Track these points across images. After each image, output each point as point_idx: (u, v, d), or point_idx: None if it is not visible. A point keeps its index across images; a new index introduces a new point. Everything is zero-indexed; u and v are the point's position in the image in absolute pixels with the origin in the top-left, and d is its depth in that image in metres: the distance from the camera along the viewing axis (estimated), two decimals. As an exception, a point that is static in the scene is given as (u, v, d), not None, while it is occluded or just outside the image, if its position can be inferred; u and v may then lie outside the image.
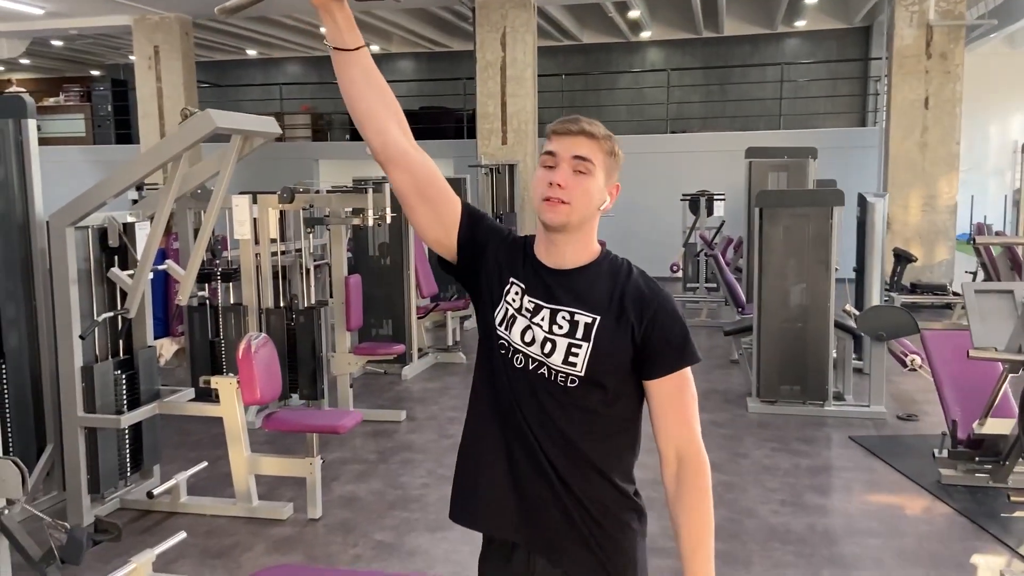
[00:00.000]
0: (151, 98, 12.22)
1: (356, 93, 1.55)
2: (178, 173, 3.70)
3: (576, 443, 1.52)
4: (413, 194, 1.58)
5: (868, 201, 6.48)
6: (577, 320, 1.51)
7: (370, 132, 1.57)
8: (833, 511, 3.99)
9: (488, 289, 1.60)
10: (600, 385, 1.51)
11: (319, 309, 5.46)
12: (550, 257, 1.56)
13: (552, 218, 1.51)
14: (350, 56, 1.52)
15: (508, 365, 1.55)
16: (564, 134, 1.53)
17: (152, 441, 4.27)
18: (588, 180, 1.51)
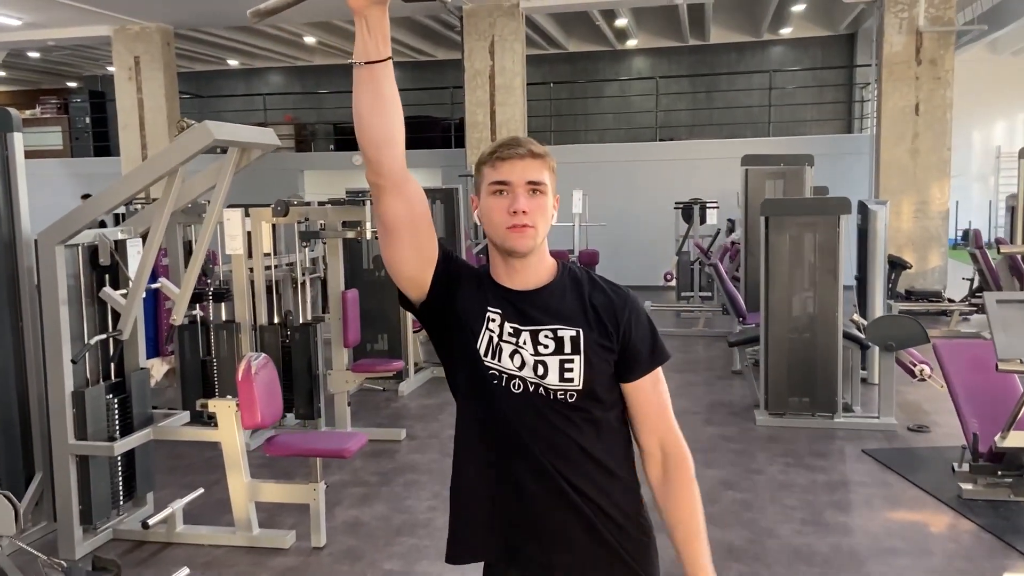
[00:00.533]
0: (131, 109, 12.00)
1: (380, 111, 1.42)
2: (174, 187, 3.53)
3: (591, 452, 1.52)
4: (405, 226, 1.50)
5: (870, 209, 6.41)
6: (561, 336, 1.51)
7: (384, 153, 1.45)
8: (856, 530, 3.86)
9: (467, 322, 1.55)
10: (597, 395, 1.52)
11: (315, 325, 5.29)
12: (513, 280, 1.56)
13: (522, 244, 1.51)
14: (379, 69, 1.39)
15: (506, 394, 1.52)
16: (512, 159, 1.52)
17: (146, 468, 4.08)
18: (544, 200, 1.53)
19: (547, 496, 1.51)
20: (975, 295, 8.94)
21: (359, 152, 1.44)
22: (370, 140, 1.44)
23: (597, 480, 1.52)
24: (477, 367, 1.53)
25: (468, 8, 10.71)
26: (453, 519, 1.60)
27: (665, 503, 1.57)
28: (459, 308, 1.55)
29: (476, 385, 1.54)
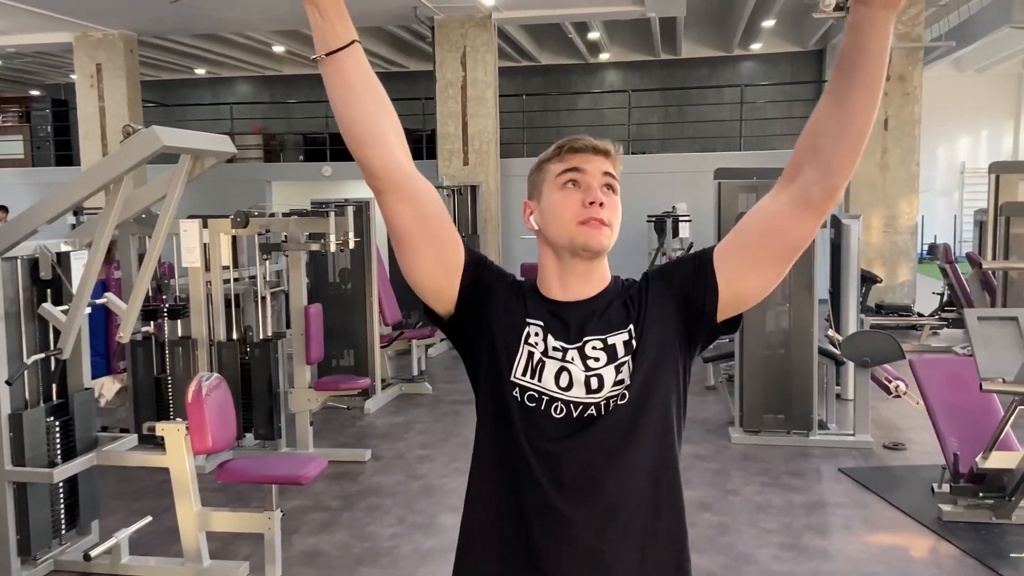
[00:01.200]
0: (93, 118, 11.68)
1: (355, 104, 1.26)
2: (119, 196, 3.32)
3: (650, 471, 1.30)
4: (417, 230, 1.31)
5: (843, 223, 6.35)
6: (612, 343, 1.31)
7: (370, 151, 1.27)
8: (836, 555, 3.73)
9: (500, 340, 1.34)
10: (652, 393, 1.30)
11: (276, 341, 5.07)
12: (567, 290, 1.36)
13: (598, 241, 1.33)
14: (345, 56, 1.23)
15: (543, 417, 1.29)
16: (586, 151, 1.35)
17: (90, 494, 3.84)
18: (617, 200, 1.38)
19: (573, 554, 1.28)
20: (945, 309, 8.94)
21: (329, 163, 1.28)
22: (352, 138, 1.27)
23: (654, 507, 1.30)
24: (508, 388, 1.31)
25: (439, 19, 10.58)
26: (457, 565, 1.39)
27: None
28: (492, 320, 1.35)
29: (506, 410, 1.32)
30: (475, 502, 1.37)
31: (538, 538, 1.29)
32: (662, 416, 1.31)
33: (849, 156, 1.24)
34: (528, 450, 1.29)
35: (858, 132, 1.23)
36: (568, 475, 1.28)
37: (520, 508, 1.30)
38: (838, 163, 1.24)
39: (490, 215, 10.68)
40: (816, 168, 1.25)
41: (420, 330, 7.28)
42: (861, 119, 1.22)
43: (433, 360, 7.98)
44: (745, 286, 1.33)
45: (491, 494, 1.34)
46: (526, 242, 11.65)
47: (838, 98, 1.23)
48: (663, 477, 1.32)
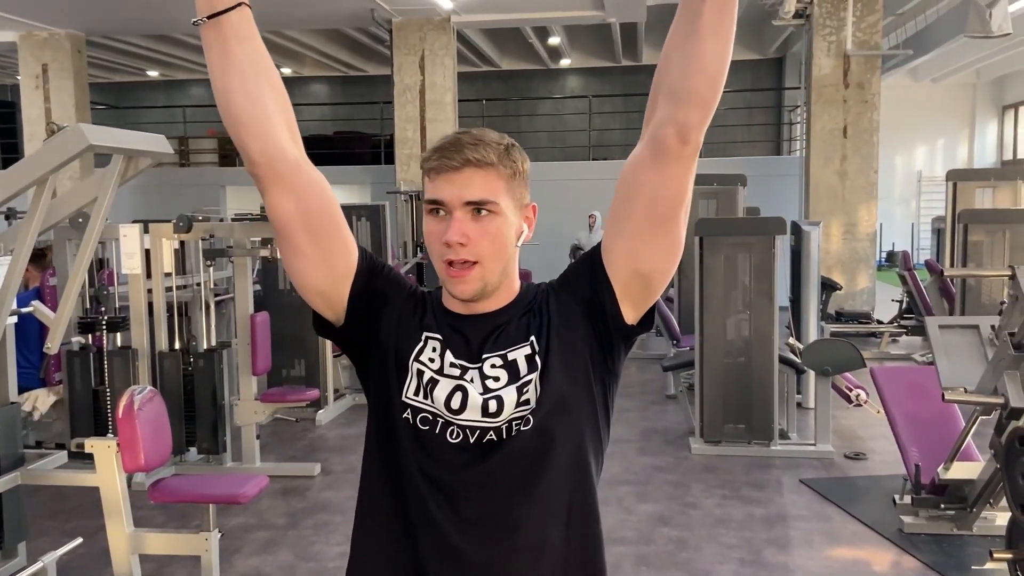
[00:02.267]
0: (38, 120, 11.28)
1: (234, 75, 1.10)
2: (43, 199, 3.11)
3: (562, 502, 1.17)
4: (299, 227, 1.16)
5: (803, 230, 6.31)
6: (512, 358, 1.17)
7: (247, 131, 1.12)
8: (797, 570, 3.64)
9: (387, 354, 1.19)
10: (564, 405, 1.16)
11: (220, 352, 4.86)
12: (467, 307, 1.22)
13: (463, 290, 1.16)
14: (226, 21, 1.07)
15: (436, 443, 1.15)
16: (447, 171, 1.15)
17: (16, 515, 3.60)
18: (495, 220, 1.16)
19: (497, 564, 1.15)
20: (904, 316, 8.98)
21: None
22: (228, 115, 1.12)
23: (551, 563, 1.17)
24: (398, 410, 1.17)
25: (397, 21, 10.42)
26: None
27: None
28: (383, 333, 1.20)
29: (395, 435, 1.17)
30: (360, 545, 1.23)
31: None
32: (575, 442, 1.17)
33: (700, 82, 1.08)
34: (421, 480, 1.15)
35: (710, 56, 1.08)
36: (468, 510, 1.14)
37: (415, 551, 1.15)
38: (687, 91, 1.08)
39: (450, 221, 10.51)
40: (665, 102, 1.10)
41: (376, 338, 7.09)
42: (712, 39, 1.08)
43: (390, 369, 7.79)
44: (641, 264, 1.16)
45: (379, 535, 1.20)
46: (486, 248, 11.51)
47: (686, 17, 1.10)
48: (576, 507, 1.18)
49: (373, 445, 1.22)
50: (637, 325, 1.21)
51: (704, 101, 1.09)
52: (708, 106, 1.09)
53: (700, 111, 1.09)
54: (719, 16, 1.07)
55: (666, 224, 1.14)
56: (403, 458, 1.17)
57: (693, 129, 1.09)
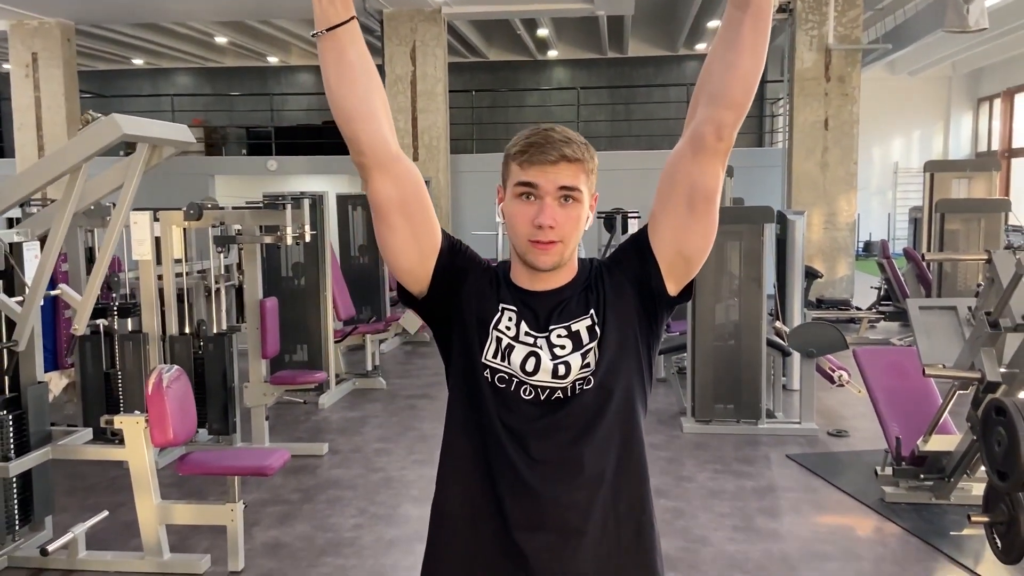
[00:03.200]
0: (28, 108, 11.32)
1: (348, 79, 1.29)
2: (77, 186, 3.26)
3: (615, 448, 1.37)
4: (396, 209, 1.35)
5: (788, 219, 6.55)
6: (576, 329, 1.37)
7: (358, 126, 1.31)
8: (786, 535, 3.87)
9: (468, 322, 1.39)
10: (613, 376, 1.36)
11: (230, 335, 5.02)
12: (535, 282, 1.41)
13: (545, 261, 1.36)
14: (342, 32, 1.26)
15: (512, 399, 1.35)
16: (542, 164, 1.34)
17: (44, 489, 3.76)
18: (577, 209, 1.37)
19: (543, 525, 1.34)
20: (882, 303, 9.27)
21: (274, 157, 1.30)
22: (342, 113, 1.31)
23: (604, 498, 1.36)
24: (480, 369, 1.36)
25: (389, 12, 10.54)
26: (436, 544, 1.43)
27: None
28: (464, 304, 1.40)
29: (478, 390, 1.37)
30: (447, 479, 1.42)
31: (510, 511, 1.35)
32: (626, 397, 1.38)
33: (736, 89, 1.27)
34: (500, 428, 1.35)
35: (745, 68, 1.27)
36: (538, 452, 1.34)
37: (493, 483, 1.36)
38: (726, 97, 1.28)
39: (440, 211, 10.66)
40: (706, 105, 1.30)
41: (373, 325, 7.27)
42: (749, 55, 1.27)
43: (387, 355, 7.96)
44: (683, 245, 1.36)
45: (464, 471, 1.39)
46: (477, 237, 11.68)
47: (727, 35, 1.29)
48: (626, 452, 1.38)
49: (457, 398, 1.41)
50: (679, 296, 1.41)
51: (739, 105, 1.28)
52: (741, 109, 1.29)
53: (735, 113, 1.29)
54: (755, 35, 1.27)
55: (704, 208, 1.34)
56: (484, 409, 1.37)
57: (727, 127, 1.29)
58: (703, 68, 1.33)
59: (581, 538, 1.34)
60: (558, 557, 1.34)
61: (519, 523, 1.34)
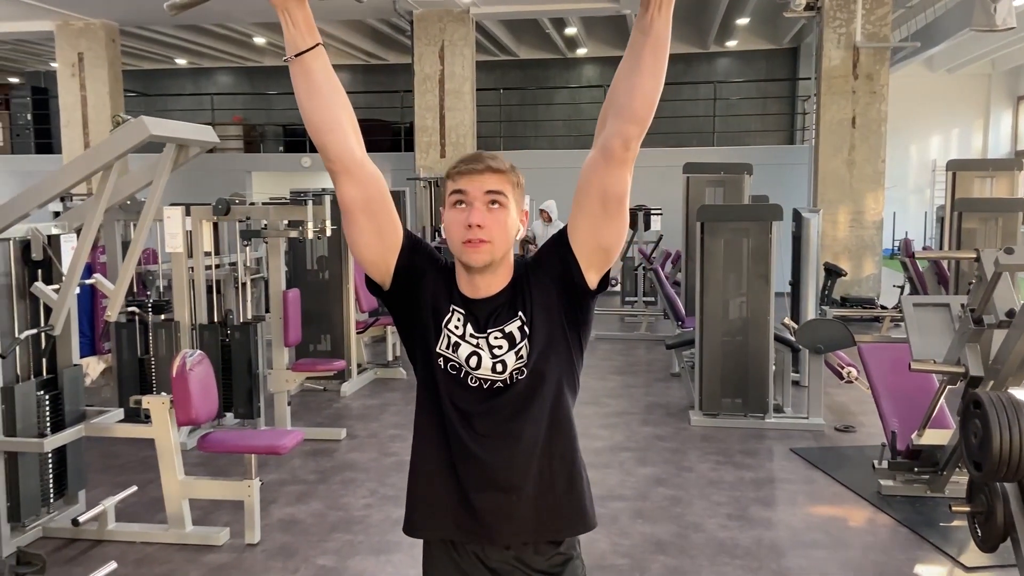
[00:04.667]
0: (74, 106, 11.77)
1: (318, 99, 1.49)
2: (109, 183, 3.52)
3: (546, 422, 1.58)
4: (360, 209, 1.55)
5: (803, 216, 6.63)
6: (509, 331, 1.57)
7: (327, 138, 1.51)
8: (779, 524, 4.01)
9: (426, 316, 1.61)
10: (544, 369, 1.57)
11: (255, 325, 5.28)
12: (475, 290, 1.60)
13: (476, 259, 1.54)
14: (310, 57, 1.46)
15: (461, 385, 1.58)
16: (470, 173, 1.54)
17: (77, 465, 4.04)
18: (504, 213, 1.55)
19: (489, 486, 1.57)
20: (906, 302, 9.26)
21: (308, 154, 1.50)
22: (312, 127, 1.51)
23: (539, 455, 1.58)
24: (435, 358, 1.58)
25: (418, 13, 10.77)
26: (412, 495, 1.65)
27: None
28: (423, 299, 1.60)
29: (433, 374, 1.59)
30: (417, 445, 1.66)
31: (462, 475, 1.58)
32: (556, 379, 1.60)
33: (640, 107, 1.44)
34: (451, 408, 1.58)
35: (646, 88, 1.44)
36: (482, 428, 1.58)
37: (448, 451, 1.59)
38: (629, 112, 1.45)
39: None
40: (613, 119, 1.47)
41: (396, 317, 7.49)
42: (649, 76, 1.44)
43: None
44: (601, 240, 1.55)
45: (427, 439, 1.63)
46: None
47: (631, 57, 1.46)
48: (556, 421, 1.61)
49: (420, 380, 1.64)
50: (597, 287, 1.61)
51: (641, 119, 1.46)
52: (644, 123, 1.47)
53: (638, 127, 1.46)
54: (654, 59, 1.44)
55: (616, 209, 1.53)
56: (439, 391, 1.59)
57: (632, 139, 1.47)
58: (611, 86, 1.51)
59: (520, 493, 1.58)
60: (503, 509, 1.58)
61: (469, 484, 1.58)
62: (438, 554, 1.65)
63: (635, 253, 10.19)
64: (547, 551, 1.62)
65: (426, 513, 1.63)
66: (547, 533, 1.61)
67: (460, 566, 1.62)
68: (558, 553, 1.63)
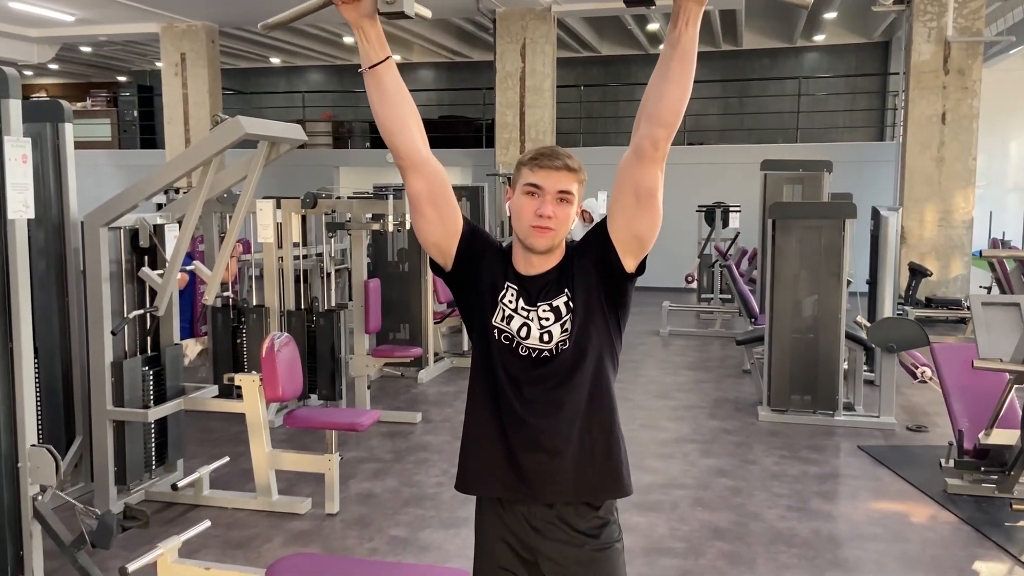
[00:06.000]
0: (177, 104, 12.47)
1: (389, 105, 1.69)
2: (207, 177, 3.84)
3: (588, 391, 1.74)
4: (425, 200, 1.75)
5: (881, 215, 6.55)
6: (556, 305, 1.75)
7: (397, 139, 1.72)
8: (839, 517, 4.06)
9: (483, 293, 1.80)
10: (586, 341, 1.74)
11: (338, 312, 5.59)
12: (529, 268, 1.79)
13: (541, 243, 1.74)
14: (382, 68, 1.66)
15: (513, 354, 1.76)
16: (548, 168, 1.73)
17: (177, 436, 4.41)
18: (569, 208, 1.75)
19: (534, 448, 1.73)
20: (994, 304, 8.98)
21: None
22: (384, 129, 1.73)
23: (580, 424, 1.74)
24: (490, 329, 1.77)
25: (501, 11, 10.99)
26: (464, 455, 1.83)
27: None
28: (482, 278, 1.79)
29: (488, 345, 1.78)
30: (471, 409, 1.85)
31: (511, 437, 1.76)
32: (597, 353, 1.77)
33: (667, 113, 1.61)
34: (503, 375, 1.77)
35: (673, 96, 1.60)
36: (529, 394, 1.75)
37: (499, 415, 1.77)
38: (658, 117, 1.62)
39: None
40: (645, 123, 1.64)
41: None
42: (676, 85, 1.60)
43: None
44: (635, 229, 1.72)
45: (480, 405, 1.81)
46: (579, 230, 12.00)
47: (662, 67, 1.62)
48: (597, 392, 1.77)
49: (477, 351, 1.83)
50: (636, 272, 1.78)
51: (667, 124, 1.63)
52: (670, 127, 1.63)
53: (665, 131, 1.63)
54: (681, 70, 1.60)
55: (648, 202, 1.69)
56: (493, 360, 1.79)
57: (660, 140, 1.64)
58: (644, 93, 1.67)
59: (563, 456, 1.75)
60: (547, 469, 1.75)
61: (516, 445, 1.76)
62: (488, 511, 1.84)
63: (712, 250, 10.18)
64: (587, 513, 1.78)
65: (477, 471, 1.81)
66: (585, 495, 1.77)
67: (506, 523, 1.80)
68: (596, 516, 1.79)
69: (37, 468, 3.02)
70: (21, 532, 3.03)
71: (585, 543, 1.77)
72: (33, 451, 3.02)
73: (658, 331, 8.99)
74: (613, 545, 1.80)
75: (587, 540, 1.77)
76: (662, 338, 8.81)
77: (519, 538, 1.79)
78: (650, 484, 4.43)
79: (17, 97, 2.95)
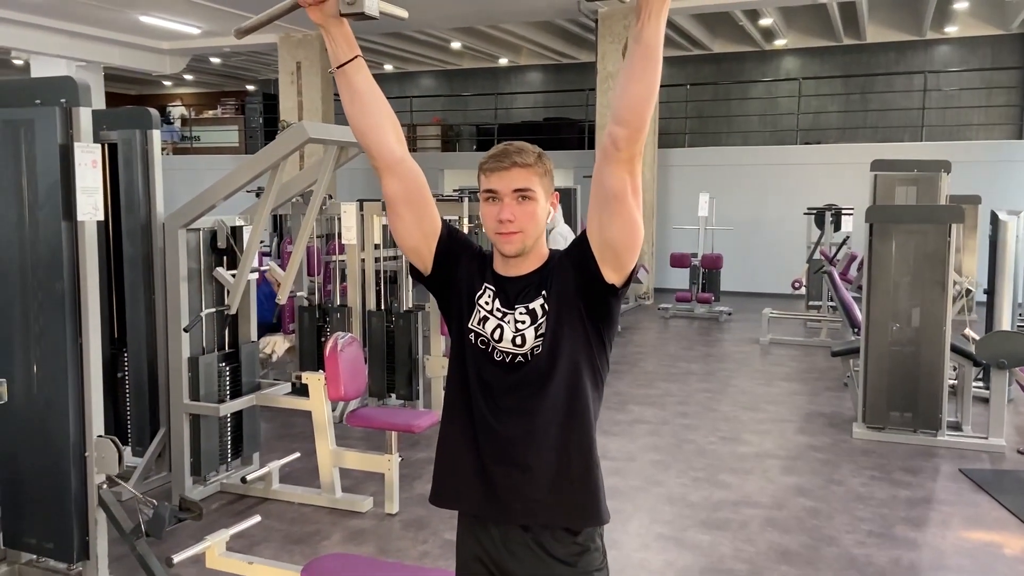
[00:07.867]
0: (292, 111, 12.98)
1: (360, 104, 1.66)
2: (275, 181, 3.95)
3: (563, 401, 1.65)
4: (401, 201, 1.70)
5: (1000, 219, 6.05)
6: (532, 308, 1.67)
7: (369, 138, 1.68)
8: (924, 545, 3.75)
9: (461, 295, 1.74)
10: (558, 348, 1.64)
11: (416, 313, 5.65)
12: (508, 270, 1.72)
13: (510, 249, 1.67)
14: (351, 68, 1.63)
15: (487, 359, 1.69)
16: (498, 170, 1.65)
17: (252, 430, 4.56)
18: (532, 205, 1.66)
19: (506, 462, 1.66)
20: None
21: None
22: (355, 128, 1.70)
23: (556, 440, 1.65)
24: (466, 333, 1.71)
25: (604, 11, 10.86)
26: (437, 466, 1.77)
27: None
28: (459, 279, 1.74)
29: (464, 349, 1.72)
30: (446, 416, 1.77)
31: (483, 447, 1.69)
32: (572, 361, 1.66)
33: (626, 111, 1.49)
34: (476, 382, 1.69)
35: (636, 94, 1.49)
36: (503, 403, 1.67)
37: (472, 423, 1.70)
38: (619, 117, 1.50)
39: (645, 205, 10.83)
40: (610, 121, 1.53)
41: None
42: (639, 84, 1.48)
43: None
44: (606, 236, 1.60)
45: (455, 411, 1.73)
46: (680, 232, 11.71)
47: (626, 65, 1.51)
48: (573, 405, 1.67)
49: (453, 355, 1.77)
50: (620, 286, 1.66)
51: (627, 122, 1.51)
52: (631, 125, 1.51)
53: (625, 129, 1.51)
54: (644, 67, 1.49)
55: (616, 206, 1.57)
56: (468, 365, 1.72)
57: (622, 140, 1.52)
58: (613, 93, 1.56)
59: (533, 473, 1.66)
60: (516, 484, 1.67)
61: (487, 455, 1.69)
62: (466, 529, 1.76)
63: (820, 255, 9.70)
64: (564, 539, 1.68)
65: (449, 484, 1.74)
66: (560, 519, 1.67)
67: (482, 543, 1.72)
68: (575, 543, 1.68)
69: (102, 458, 3.17)
70: (87, 519, 3.19)
71: (561, 571, 1.67)
72: (99, 441, 3.17)
73: (758, 339, 8.63)
74: (591, 574, 1.69)
75: (563, 568, 1.67)
76: (761, 347, 8.46)
77: (494, 559, 1.72)
78: (720, 500, 4.23)
79: (88, 105, 3.10)
